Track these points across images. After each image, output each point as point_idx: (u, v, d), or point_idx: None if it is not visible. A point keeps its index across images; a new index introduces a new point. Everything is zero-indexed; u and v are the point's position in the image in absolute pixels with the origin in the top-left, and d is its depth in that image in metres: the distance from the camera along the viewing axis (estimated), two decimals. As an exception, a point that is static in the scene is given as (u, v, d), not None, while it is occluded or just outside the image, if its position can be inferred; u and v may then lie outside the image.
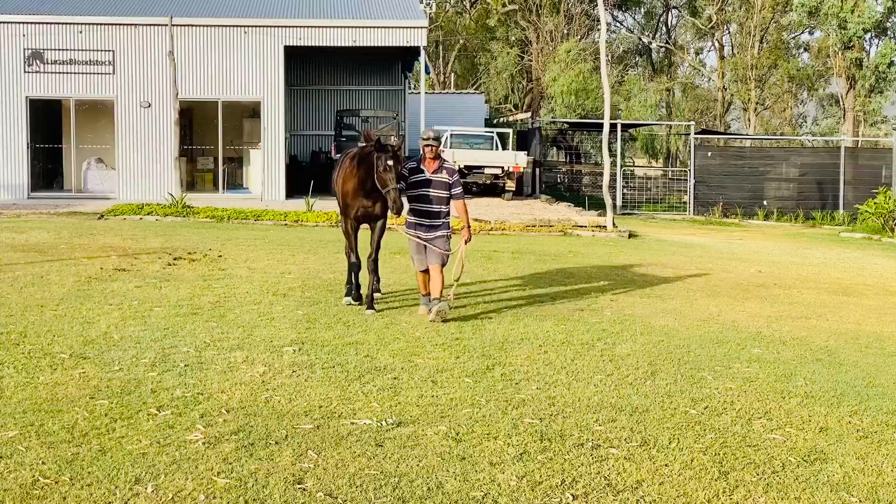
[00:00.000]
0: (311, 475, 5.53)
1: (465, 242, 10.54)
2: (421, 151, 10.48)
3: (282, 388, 7.31)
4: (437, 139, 10.44)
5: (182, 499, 5.11)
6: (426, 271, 10.46)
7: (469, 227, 10.59)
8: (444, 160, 10.61)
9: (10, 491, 5.13)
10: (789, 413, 7.23)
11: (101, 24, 26.97)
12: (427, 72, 34.94)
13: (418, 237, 10.42)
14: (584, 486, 5.52)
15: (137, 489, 5.22)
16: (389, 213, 10.50)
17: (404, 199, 10.23)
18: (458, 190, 10.49)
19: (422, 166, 10.40)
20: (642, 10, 57.21)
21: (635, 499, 5.37)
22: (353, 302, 10.94)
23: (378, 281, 11.14)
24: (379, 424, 6.46)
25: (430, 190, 10.34)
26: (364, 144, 10.70)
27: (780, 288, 14.17)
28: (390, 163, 9.89)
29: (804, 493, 5.58)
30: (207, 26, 27.14)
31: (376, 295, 10.98)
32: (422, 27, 27.66)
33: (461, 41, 55.69)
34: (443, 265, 10.38)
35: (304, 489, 5.31)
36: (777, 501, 5.43)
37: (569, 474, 5.70)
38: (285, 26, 27.36)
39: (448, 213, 10.58)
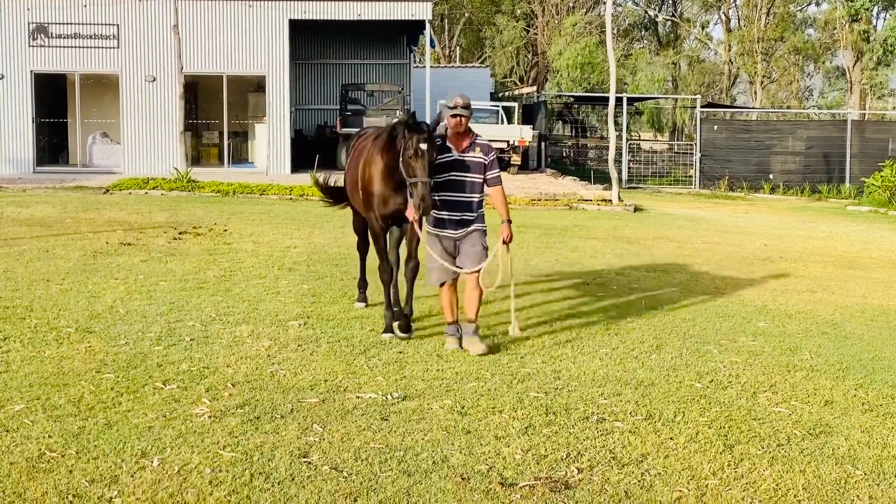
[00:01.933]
0: (317, 449, 5.53)
1: (505, 243, 7.97)
2: (445, 125, 8.00)
3: (287, 362, 7.31)
4: (468, 107, 7.87)
5: (188, 472, 5.12)
6: (451, 284, 8.05)
7: (510, 221, 8.00)
8: (476, 135, 8.05)
9: (17, 464, 5.14)
10: (794, 386, 7.22)
11: (105, -2, 26.86)
12: (432, 45, 34.74)
13: (444, 235, 7.97)
14: (589, 460, 5.53)
15: (143, 462, 5.23)
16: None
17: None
18: (495, 172, 7.96)
19: (448, 144, 7.89)
20: (649, -18, 56.95)
21: (640, 472, 5.37)
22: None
23: (408, 323, 8.41)
24: (384, 398, 6.46)
25: (461, 174, 7.84)
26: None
27: (786, 261, 14.14)
28: (423, 146, 7.44)
29: (809, 466, 5.58)
30: (212, 0, 27.01)
31: (404, 336, 8.22)
32: (427, 0, 27.51)
33: (466, 14, 55.39)
34: (479, 271, 7.96)
35: (309, 462, 5.32)
36: (782, 474, 5.42)
37: (574, 448, 5.70)
38: (290, 0, 27.22)
39: (482, 203, 8.03)
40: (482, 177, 7.89)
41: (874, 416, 6.61)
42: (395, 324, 8.28)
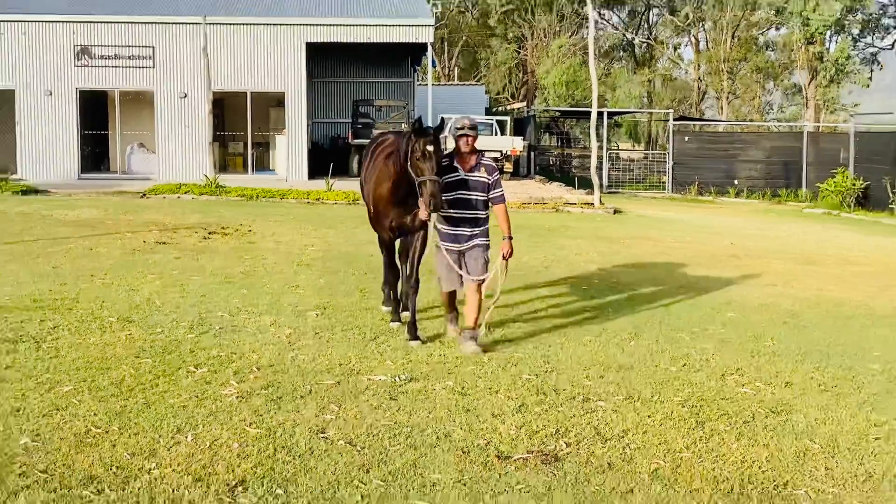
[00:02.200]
0: (333, 425, 5.53)
1: (504, 258, 7.54)
2: (454, 144, 7.60)
3: (306, 349, 7.31)
4: (475, 128, 7.48)
5: (218, 446, 5.12)
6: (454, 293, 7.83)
7: (510, 237, 7.54)
8: (482, 154, 7.64)
9: (66, 439, 5.14)
10: (758, 370, 7.23)
11: (142, 23, 26.87)
12: (433, 65, 34.68)
13: (452, 249, 7.57)
14: (576, 435, 5.53)
15: (178, 437, 5.23)
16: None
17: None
18: (499, 191, 7.54)
19: (455, 164, 7.47)
20: (626, 8, 56.69)
21: (621, 446, 5.38)
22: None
23: (415, 329, 7.81)
24: (393, 380, 6.46)
25: (467, 192, 7.45)
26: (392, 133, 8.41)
27: (750, 258, 14.14)
28: (430, 148, 7.09)
29: (772, 440, 5.58)
30: (237, 24, 27.03)
31: (415, 344, 7.61)
32: (429, 25, 27.54)
33: (464, 38, 55.29)
34: (483, 281, 7.60)
35: (326, 438, 5.32)
36: (748, 448, 5.43)
37: (562, 424, 5.70)
38: (307, 24, 27.25)
39: (487, 219, 7.65)
40: (487, 195, 7.49)
41: (829, 395, 6.61)
42: (396, 314, 8.27)
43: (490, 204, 7.54)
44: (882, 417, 6.12)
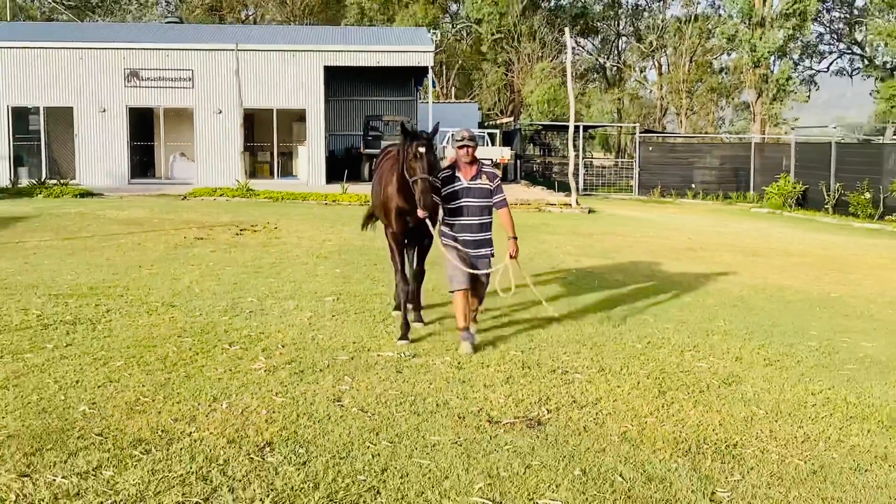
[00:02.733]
0: (347, 395, 5.54)
1: (512, 257, 6.92)
2: (455, 155, 6.99)
3: (324, 329, 7.31)
4: (474, 139, 6.87)
5: (249, 413, 5.12)
6: (466, 292, 6.85)
7: (515, 238, 6.98)
8: (483, 164, 7.03)
9: (119, 407, 5.15)
10: (712, 347, 7.23)
11: (183, 49, 26.80)
12: (433, 86, 34.62)
13: (458, 249, 6.88)
14: (556, 403, 5.53)
15: (215, 405, 5.23)
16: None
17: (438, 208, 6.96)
18: (501, 196, 6.94)
19: (457, 174, 6.86)
20: (599, 36, 56.58)
21: (595, 412, 5.38)
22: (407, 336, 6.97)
23: (419, 310, 7.59)
24: (399, 356, 6.46)
25: (471, 199, 6.81)
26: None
27: (705, 251, 14.13)
28: (421, 150, 6.55)
29: (723, 407, 5.59)
30: (265, 51, 26.93)
31: (418, 325, 7.44)
32: (429, 51, 27.49)
33: (459, 62, 55.17)
34: (482, 294, 7.05)
35: (341, 405, 5.32)
36: (703, 414, 5.43)
37: (544, 394, 5.70)
38: (325, 51, 27.17)
39: (491, 226, 7.03)
40: (490, 201, 6.89)
41: (773, 368, 6.62)
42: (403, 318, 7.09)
43: (494, 208, 6.96)
44: (818, 387, 6.13)
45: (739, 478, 4.45)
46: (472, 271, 6.78)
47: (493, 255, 7.00)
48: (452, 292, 6.85)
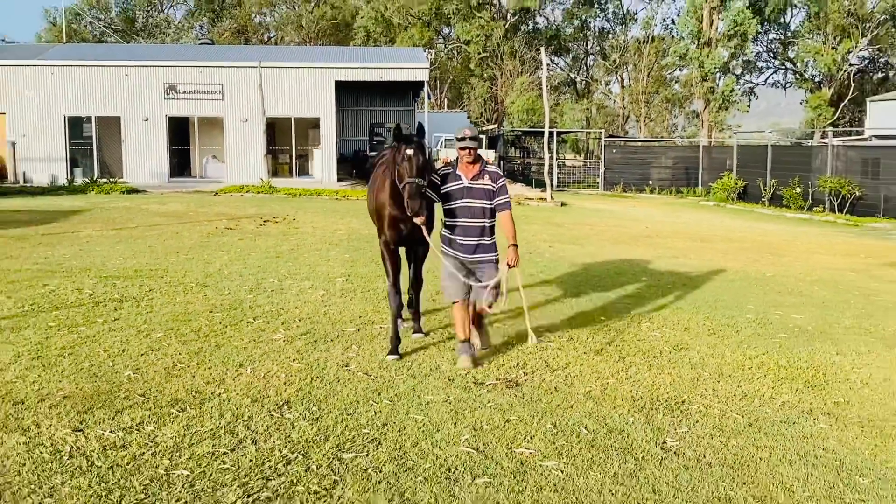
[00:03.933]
0: (354, 361, 5.53)
1: (509, 266, 5.50)
2: (457, 154, 5.67)
3: (335, 305, 7.29)
4: (476, 139, 5.57)
5: (270, 377, 5.11)
6: (464, 301, 5.55)
7: (516, 245, 5.56)
8: (486, 163, 5.68)
9: (159, 371, 5.14)
10: (665, 318, 7.24)
11: (214, 67, 26.61)
12: (429, 97, 34.44)
13: (457, 256, 5.56)
14: (532, 366, 5.54)
15: (241, 370, 5.22)
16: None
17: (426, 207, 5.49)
18: (503, 198, 5.59)
19: (458, 172, 5.58)
20: (571, 55, 56.39)
21: (565, 374, 5.39)
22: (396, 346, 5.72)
23: (419, 320, 6.40)
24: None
25: (472, 200, 5.51)
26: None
27: (660, 238, 14.13)
28: (409, 152, 5.30)
29: (674, 370, 5.60)
30: (284, 67, 26.75)
31: (418, 336, 6.20)
32: (425, 68, 27.39)
33: (451, 77, 54.93)
34: (491, 303, 5.59)
35: (349, 370, 5.31)
36: (656, 375, 5.45)
37: (521, 359, 5.71)
38: (336, 68, 27.02)
39: (493, 229, 5.68)
40: (492, 203, 5.56)
41: (716, 337, 6.63)
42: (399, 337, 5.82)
43: (495, 211, 5.60)
44: (754, 353, 6.15)
45: (686, 429, 4.47)
46: (466, 281, 5.48)
47: (497, 261, 5.60)
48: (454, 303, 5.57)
